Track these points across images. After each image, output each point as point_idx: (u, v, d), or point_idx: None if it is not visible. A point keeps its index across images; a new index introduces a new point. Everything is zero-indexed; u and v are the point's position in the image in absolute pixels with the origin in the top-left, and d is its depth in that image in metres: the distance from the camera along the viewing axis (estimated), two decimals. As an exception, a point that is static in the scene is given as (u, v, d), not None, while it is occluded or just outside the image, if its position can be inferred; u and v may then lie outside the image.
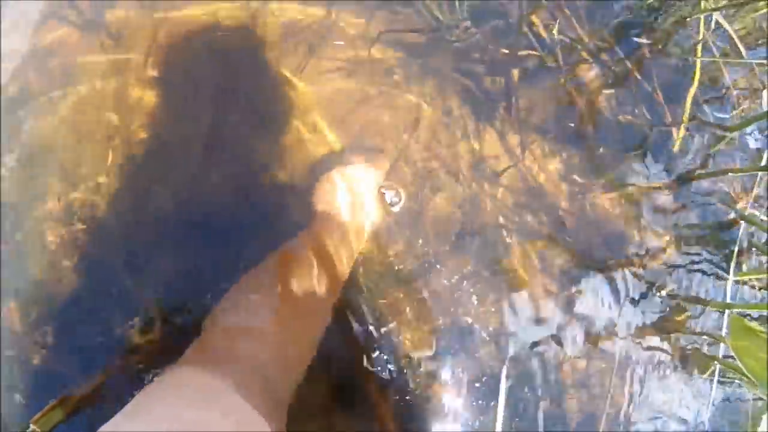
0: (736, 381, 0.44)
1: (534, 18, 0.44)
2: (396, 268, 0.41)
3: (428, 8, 0.45)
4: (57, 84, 0.44)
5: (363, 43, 0.45)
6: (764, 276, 0.46)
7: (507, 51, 0.44)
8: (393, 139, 0.43)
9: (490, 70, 0.44)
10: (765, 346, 0.36)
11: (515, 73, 0.43)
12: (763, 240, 0.46)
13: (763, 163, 0.47)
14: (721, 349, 0.43)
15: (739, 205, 0.47)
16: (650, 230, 0.45)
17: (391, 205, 0.42)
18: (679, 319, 0.44)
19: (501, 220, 0.42)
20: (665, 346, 0.43)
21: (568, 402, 0.41)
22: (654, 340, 0.42)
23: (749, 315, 0.45)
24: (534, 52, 0.44)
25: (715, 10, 0.46)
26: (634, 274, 0.43)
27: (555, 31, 0.44)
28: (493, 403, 0.40)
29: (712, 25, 0.48)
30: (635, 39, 0.46)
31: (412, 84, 0.44)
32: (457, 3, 0.44)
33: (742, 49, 0.48)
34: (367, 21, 0.45)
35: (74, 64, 0.45)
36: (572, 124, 0.45)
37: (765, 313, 0.45)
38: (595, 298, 0.43)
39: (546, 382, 0.41)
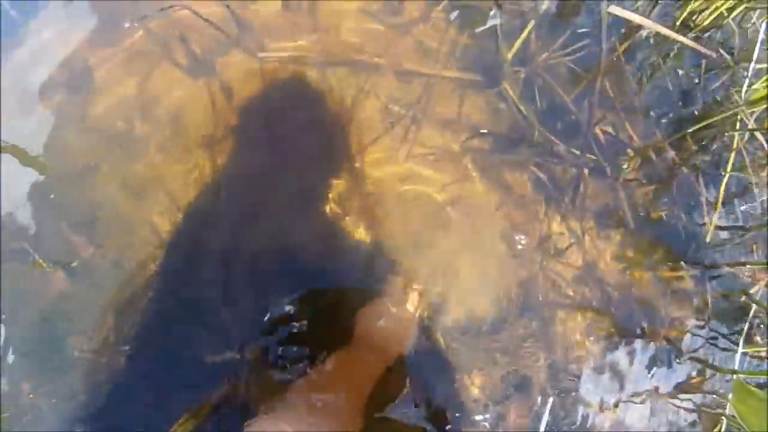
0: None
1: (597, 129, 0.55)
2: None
3: (510, 102, 0.56)
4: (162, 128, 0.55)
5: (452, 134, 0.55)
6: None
7: (577, 152, 0.55)
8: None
9: (561, 166, 0.54)
10: (764, 406, 0.46)
11: (585, 170, 0.54)
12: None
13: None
14: (728, 409, 0.53)
15: (755, 288, 0.56)
16: (677, 306, 0.55)
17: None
18: (694, 382, 0.53)
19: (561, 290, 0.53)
20: (684, 404, 0.53)
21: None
22: (675, 399, 0.52)
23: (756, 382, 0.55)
24: (593, 156, 0.55)
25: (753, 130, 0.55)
26: (665, 341, 0.54)
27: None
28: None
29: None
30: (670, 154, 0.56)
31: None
32: (536, 108, 0.55)
33: None
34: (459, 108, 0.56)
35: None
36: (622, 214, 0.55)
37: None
38: (629, 359, 0.53)
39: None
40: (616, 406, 0.51)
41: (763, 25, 0.59)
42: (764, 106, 0.56)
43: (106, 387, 0.49)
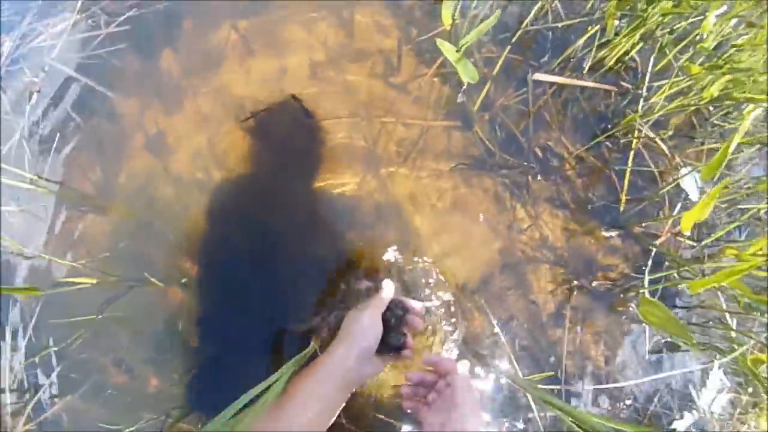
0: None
1: (536, 148, 0.83)
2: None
3: (479, 137, 0.84)
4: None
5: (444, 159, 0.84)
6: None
7: (525, 163, 0.83)
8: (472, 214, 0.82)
9: (514, 175, 0.83)
10: (659, 309, 0.73)
11: (530, 176, 0.82)
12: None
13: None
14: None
15: (660, 239, 0.83)
16: (610, 256, 0.83)
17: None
18: (619, 302, 0.81)
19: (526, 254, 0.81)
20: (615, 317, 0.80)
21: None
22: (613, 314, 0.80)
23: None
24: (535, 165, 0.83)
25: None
26: (603, 279, 0.81)
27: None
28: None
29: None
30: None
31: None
32: (497, 138, 0.84)
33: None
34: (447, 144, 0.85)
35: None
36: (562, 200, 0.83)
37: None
38: (580, 294, 0.80)
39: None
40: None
41: (651, 59, 0.87)
42: (654, 116, 0.83)
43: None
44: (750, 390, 0.90)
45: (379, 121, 0.86)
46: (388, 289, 0.57)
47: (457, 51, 0.61)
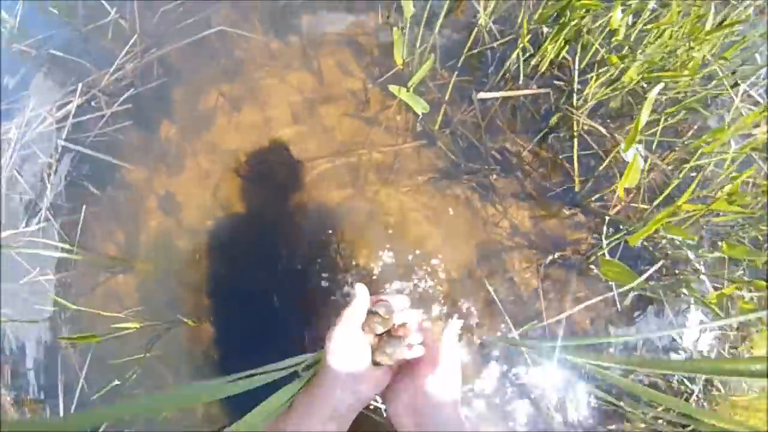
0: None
1: (493, 152, 0.97)
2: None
3: (443, 151, 0.98)
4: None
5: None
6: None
7: (486, 166, 0.97)
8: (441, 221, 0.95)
9: (479, 178, 0.96)
10: (615, 266, 0.85)
11: (492, 178, 0.96)
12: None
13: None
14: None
15: (613, 211, 0.96)
16: (574, 231, 0.95)
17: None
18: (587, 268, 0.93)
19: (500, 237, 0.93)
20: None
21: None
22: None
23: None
24: (496, 166, 0.97)
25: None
26: (572, 253, 0.93)
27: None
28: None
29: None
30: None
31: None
32: (460, 149, 0.97)
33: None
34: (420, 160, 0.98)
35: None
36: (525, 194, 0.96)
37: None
38: (553, 268, 0.93)
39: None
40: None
41: (577, 58, 1.01)
42: (589, 105, 0.97)
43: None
44: (735, 326, 1.02)
45: (357, 153, 0.99)
46: (362, 295, 0.48)
47: (407, 91, 0.75)
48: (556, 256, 0.92)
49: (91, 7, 1.15)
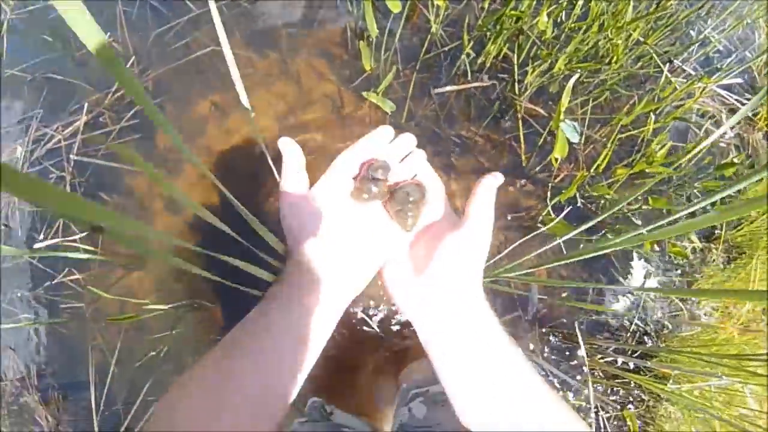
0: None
1: (452, 136, 1.14)
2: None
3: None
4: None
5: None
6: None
7: (447, 149, 1.14)
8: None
9: (442, 158, 1.14)
10: (560, 221, 1.03)
11: (453, 158, 1.13)
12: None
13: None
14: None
15: (557, 180, 1.15)
16: (527, 197, 1.13)
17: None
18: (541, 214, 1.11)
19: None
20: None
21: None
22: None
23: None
24: (455, 149, 1.14)
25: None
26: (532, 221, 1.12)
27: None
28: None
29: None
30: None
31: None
32: (424, 136, 1.14)
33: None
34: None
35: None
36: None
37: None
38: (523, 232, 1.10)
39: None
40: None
41: (515, 56, 1.20)
42: (527, 93, 1.16)
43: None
44: (678, 272, 1.22)
45: (336, 147, 1.15)
46: (288, 149, 0.38)
47: (376, 93, 0.91)
48: (509, 218, 1.10)
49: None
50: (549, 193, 1.11)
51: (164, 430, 0.26)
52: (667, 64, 1.33)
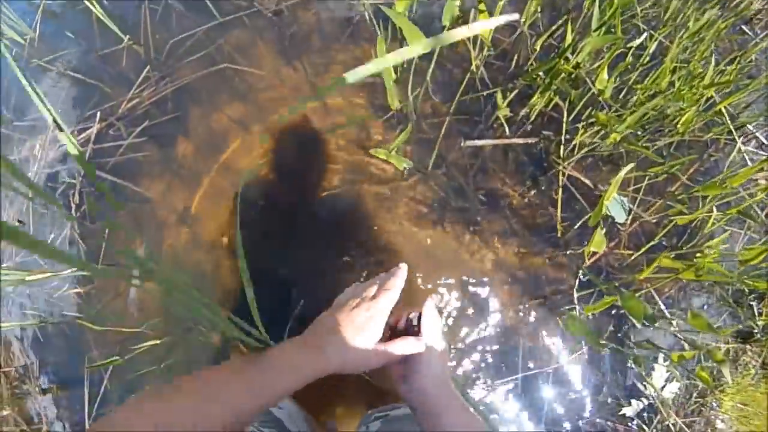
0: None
1: (480, 194, 1.04)
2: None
3: (434, 189, 1.05)
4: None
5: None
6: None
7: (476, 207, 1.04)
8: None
9: (468, 216, 1.04)
10: (580, 324, 0.92)
11: (479, 217, 1.03)
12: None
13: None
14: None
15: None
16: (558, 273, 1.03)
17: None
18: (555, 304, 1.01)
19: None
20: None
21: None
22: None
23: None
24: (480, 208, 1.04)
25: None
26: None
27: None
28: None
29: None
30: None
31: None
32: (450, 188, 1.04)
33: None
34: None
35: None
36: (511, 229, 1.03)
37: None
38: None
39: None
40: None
41: (565, 114, 1.06)
42: (573, 159, 1.03)
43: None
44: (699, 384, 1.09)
45: (360, 187, 1.06)
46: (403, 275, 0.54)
47: (389, 152, 0.82)
48: (538, 295, 1.01)
49: (105, 34, 1.19)
50: (577, 283, 1.00)
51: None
52: (739, 131, 1.16)
